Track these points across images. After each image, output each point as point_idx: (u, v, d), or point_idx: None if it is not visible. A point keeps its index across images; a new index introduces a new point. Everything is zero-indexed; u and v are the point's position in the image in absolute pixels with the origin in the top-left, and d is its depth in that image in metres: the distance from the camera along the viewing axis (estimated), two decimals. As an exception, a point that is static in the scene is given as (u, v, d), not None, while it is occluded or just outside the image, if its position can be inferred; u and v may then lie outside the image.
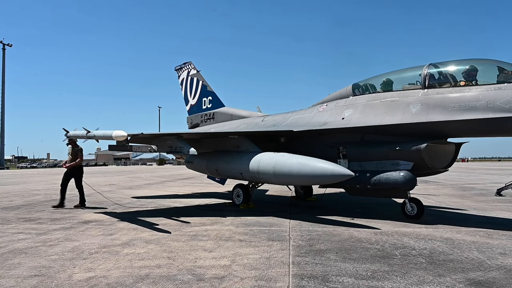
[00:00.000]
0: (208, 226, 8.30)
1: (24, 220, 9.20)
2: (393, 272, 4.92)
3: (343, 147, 9.69)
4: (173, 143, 11.15)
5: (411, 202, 8.91)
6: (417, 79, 8.89)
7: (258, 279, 4.67)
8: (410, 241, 6.69)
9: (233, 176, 11.26)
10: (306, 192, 13.33)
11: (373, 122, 9.01)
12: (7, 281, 4.62)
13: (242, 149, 10.86)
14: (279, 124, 11.95)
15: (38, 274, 4.89)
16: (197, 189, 18.51)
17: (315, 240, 6.81)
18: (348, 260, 5.46)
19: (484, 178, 26.96)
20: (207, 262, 5.40)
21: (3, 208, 11.65)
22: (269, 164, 9.34)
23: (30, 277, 4.77)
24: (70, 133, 11.06)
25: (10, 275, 4.85)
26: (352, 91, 10.23)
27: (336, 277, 4.72)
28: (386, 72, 9.90)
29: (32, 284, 4.50)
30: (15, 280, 4.63)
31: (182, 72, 18.98)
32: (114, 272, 4.95)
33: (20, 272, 4.98)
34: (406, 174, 8.41)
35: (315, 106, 11.37)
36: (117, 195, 15.57)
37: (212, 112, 17.02)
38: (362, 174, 9.03)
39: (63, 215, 9.97)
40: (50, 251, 6.07)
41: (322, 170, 8.33)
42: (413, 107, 8.50)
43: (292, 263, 5.35)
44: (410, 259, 5.50)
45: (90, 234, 7.43)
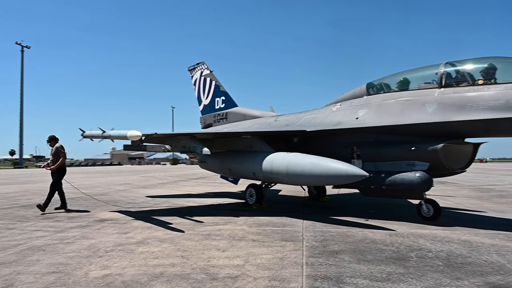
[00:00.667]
0: (221, 225, 8.32)
1: (42, 218, 9.38)
2: (409, 274, 4.85)
3: (357, 147, 9.60)
4: (186, 143, 11.22)
5: (427, 203, 8.76)
6: (433, 78, 8.75)
7: (272, 279, 4.66)
8: (427, 243, 6.59)
9: (246, 176, 11.27)
10: (320, 193, 13.26)
11: (388, 122, 8.91)
12: (27, 277, 4.72)
13: (255, 149, 10.87)
14: (292, 124, 11.92)
15: (56, 271, 4.98)
16: (210, 188, 18.59)
17: (328, 241, 6.76)
18: (363, 262, 5.41)
19: (503, 179, 26.37)
20: (221, 262, 5.42)
21: (22, 206, 11.90)
22: (282, 164, 9.32)
23: (48, 273, 4.86)
24: (86, 133, 11.23)
25: (29, 271, 4.96)
26: (366, 91, 10.12)
27: (350, 278, 4.68)
28: (401, 71, 9.77)
29: (50, 280, 4.59)
30: (34, 277, 4.73)
31: (195, 72, 19.08)
32: (129, 270, 5.01)
33: (39, 268, 5.08)
34: (422, 174, 8.28)
35: (329, 106, 11.29)
36: (131, 194, 15.75)
37: (225, 112, 17.07)
38: (376, 175, 8.93)
39: (79, 214, 10.13)
40: (67, 249, 6.17)
41: (336, 170, 8.26)
42: (429, 106, 8.37)
43: (305, 263, 5.33)
44: (427, 262, 5.42)
45: (106, 233, 7.53)
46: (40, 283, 4.49)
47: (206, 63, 18.49)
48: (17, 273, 4.89)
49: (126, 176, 33.09)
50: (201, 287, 4.39)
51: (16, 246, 6.41)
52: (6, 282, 4.52)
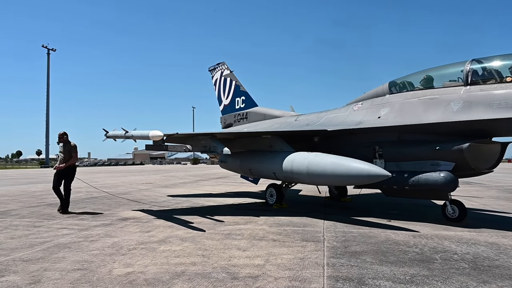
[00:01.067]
0: (242, 225, 8.34)
1: (68, 216, 9.63)
2: (434, 277, 4.73)
3: (379, 146, 9.45)
4: (207, 142, 11.30)
5: (452, 204, 8.54)
6: (458, 76, 8.51)
7: (292, 279, 4.63)
8: (452, 245, 6.43)
9: (266, 176, 11.26)
10: (341, 193, 13.12)
11: (411, 121, 8.73)
12: (53, 273, 4.85)
13: (275, 148, 10.84)
14: (312, 123, 11.83)
15: (81, 268, 5.09)
16: (231, 188, 18.66)
17: (350, 241, 6.68)
18: (385, 263, 5.32)
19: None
20: (241, 261, 5.43)
21: (49, 204, 12.24)
22: (303, 164, 9.26)
23: (73, 270, 4.98)
24: (110, 133, 11.45)
25: (55, 268, 5.09)
26: (389, 89, 9.95)
27: (372, 280, 4.61)
28: (425, 69, 9.57)
29: (75, 277, 4.70)
30: (60, 273, 4.85)
31: (216, 72, 19.20)
32: (151, 268, 5.08)
33: (64, 265, 5.21)
34: (447, 175, 8.08)
35: (350, 105, 11.15)
36: (153, 194, 15.99)
37: (245, 112, 17.10)
38: (399, 175, 8.76)
39: (103, 212, 10.34)
40: (91, 246, 6.31)
41: (358, 170, 8.15)
42: (454, 105, 8.15)
43: (326, 264, 5.28)
44: (452, 264, 5.28)
45: (129, 231, 7.66)
46: (66, 280, 4.61)
47: (226, 63, 18.58)
48: (44, 269, 5.03)
49: (148, 176, 33.61)
50: (222, 286, 4.41)
51: (43, 243, 6.60)
52: (33, 278, 4.65)
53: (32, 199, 13.93)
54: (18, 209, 11.17)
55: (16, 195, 15.43)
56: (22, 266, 5.17)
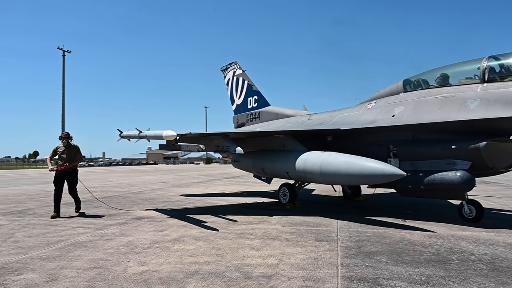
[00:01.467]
0: (255, 224, 8.34)
1: (83, 215, 9.76)
2: (450, 277, 4.66)
3: (394, 145, 9.33)
4: (219, 142, 11.34)
5: (469, 204, 8.39)
6: (475, 73, 8.36)
7: (306, 279, 4.61)
8: (469, 245, 6.31)
9: (279, 175, 11.23)
10: (354, 192, 13.01)
11: (426, 120, 8.60)
12: (69, 271, 4.92)
13: (288, 148, 10.81)
14: (325, 122, 11.76)
15: (96, 266, 5.16)
16: (243, 188, 18.69)
17: (364, 241, 6.62)
18: (400, 264, 5.25)
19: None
20: (255, 261, 5.43)
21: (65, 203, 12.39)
22: (316, 163, 9.21)
23: (89, 269, 5.05)
24: (124, 133, 11.57)
25: (71, 266, 5.17)
26: (403, 87, 9.82)
27: (387, 280, 4.55)
28: (440, 67, 9.41)
29: (91, 275, 4.76)
30: (76, 271, 4.93)
31: (228, 72, 19.23)
32: (166, 267, 5.12)
33: (80, 264, 5.28)
34: (463, 174, 7.93)
35: (363, 104, 11.05)
36: (167, 193, 16.11)
37: (257, 111, 17.10)
38: (414, 174, 8.65)
39: (117, 211, 10.46)
40: (106, 245, 6.39)
41: (372, 169, 8.07)
42: (471, 102, 8.00)
43: (340, 264, 5.24)
44: (469, 265, 5.19)
45: (143, 230, 7.73)
46: (82, 278, 4.67)
47: (238, 63, 18.61)
48: (61, 267, 5.11)
49: (161, 175, 33.88)
50: (236, 285, 4.41)
51: (59, 242, 6.71)
52: (51, 276, 4.73)
53: (49, 198, 14.15)
54: (35, 208, 11.39)
55: (34, 194, 15.72)
56: (40, 264, 5.26)
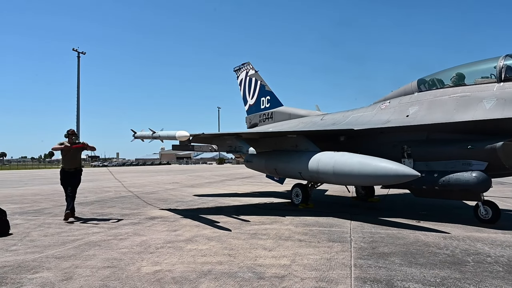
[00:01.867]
0: (268, 225, 8.33)
1: (98, 215, 9.90)
2: (466, 279, 4.58)
3: (408, 146, 9.22)
4: (232, 142, 11.37)
5: (485, 205, 8.24)
6: (491, 72, 8.21)
7: (319, 280, 4.59)
8: (485, 247, 6.20)
9: (291, 176, 11.21)
10: (368, 193, 12.90)
11: (441, 119, 8.47)
12: (84, 270, 4.99)
13: (300, 148, 10.78)
14: (338, 122, 11.69)
15: (110, 265, 5.22)
16: (256, 188, 18.69)
17: (378, 242, 6.56)
18: (414, 265, 5.19)
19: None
20: (267, 261, 5.42)
21: (79, 203, 12.61)
22: (329, 164, 9.16)
23: (103, 268, 5.11)
24: (138, 133, 11.69)
25: (86, 265, 5.24)
26: (418, 87, 9.70)
27: (401, 282, 4.50)
28: (455, 66, 9.27)
29: (105, 274, 4.82)
30: (91, 270, 4.99)
31: (241, 72, 19.27)
32: (179, 267, 5.15)
33: (95, 263, 5.35)
34: (479, 174, 7.79)
35: (377, 104, 10.95)
36: (180, 193, 16.22)
37: (270, 111, 17.09)
38: (429, 175, 8.53)
39: (131, 211, 10.57)
40: (120, 245, 6.46)
41: (385, 170, 7.99)
42: (487, 102, 7.86)
43: (354, 265, 5.20)
44: (485, 267, 5.10)
45: (156, 230, 7.80)
46: (97, 277, 4.73)
47: (251, 63, 18.63)
48: (76, 266, 5.18)
49: (174, 175, 34.13)
50: (248, 285, 4.41)
51: (74, 241, 6.81)
52: (66, 275, 4.81)
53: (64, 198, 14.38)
54: (50, 207, 11.58)
55: (49, 194, 16.01)
56: (55, 263, 5.35)
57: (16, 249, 6.24)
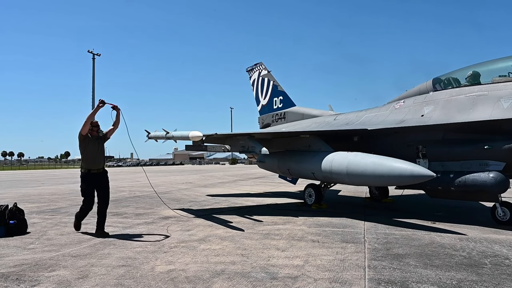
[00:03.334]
0: (280, 225, 8.32)
1: (113, 214, 10.00)
2: (483, 282, 4.49)
3: (423, 146, 9.11)
4: (245, 142, 11.38)
5: (503, 206, 8.07)
6: (509, 71, 8.05)
7: (332, 281, 4.56)
8: (503, 249, 6.08)
9: (304, 176, 11.17)
10: (382, 193, 12.76)
11: (457, 119, 8.34)
12: (99, 269, 5.06)
13: (313, 148, 10.74)
14: (352, 122, 11.60)
15: (125, 264, 5.28)
16: (269, 188, 18.68)
17: (392, 243, 6.49)
18: (430, 267, 5.11)
19: None
20: (280, 261, 5.41)
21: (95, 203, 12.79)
22: (342, 164, 9.10)
23: (118, 266, 5.17)
24: (151, 134, 11.80)
25: (101, 264, 5.31)
26: (433, 86, 9.56)
27: (416, 284, 4.44)
28: (472, 65, 9.12)
29: (120, 273, 4.88)
30: (106, 269, 5.06)
31: (254, 73, 19.29)
32: (192, 266, 5.18)
33: (110, 261, 5.42)
34: (497, 175, 7.64)
35: (391, 104, 10.83)
36: (193, 193, 16.31)
37: (283, 111, 17.06)
38: (444, 175, 8.41)
39: (145, 211, 10.68)
40: (135, 244, 6.53)
41: (400, 170, 7.89)
42: (504, 101, 7.70)
43: (368, 266, 5.16)
44: (503, 269, 4.99)
45: (170, 229, 7.86)
46: (112, 275, 4.79)
47: (264, 63, 18.63)
48: (91, 265, 5.26)
49: (188, 176, 34.33)
50: (261, 286, 4.41)
51: (89, 240, 6.91)
52: (81, 273, 4.88)
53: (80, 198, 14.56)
54: (67, 207, 11.77)
55: (65, 193, 16.28)
56: (71, 262, 5.43)
57: (34, 247, 6.36)
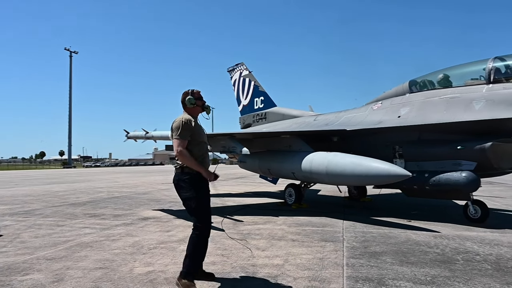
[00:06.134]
0: (261, 225, 8.36)
1: (90, 216, 9.84)
2: (455, 278, 4.65)
3: (399, 146, 9.33)
4: (226, 143, 11.38)
5: (474, 204, 8.35)
6: (480, 74, 8.33)
7: (312, 279, 4.63)
8: (474, 245, 6.29)
9: (285, 176, 11.25)
10: (360, 193, 12.99)
11: (432, 120, 8.58)
12: (75, 272, 4.97)
13: (294, 148, 10.83)
14: (331, 123, 11.77)
15: (102, 266, 5.20)
16: (250, 188, 18.71)
17: (370, 242, 6.62)
18: (406, 264, 5.25)
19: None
20: (260, 261, 5.45)
21: (71, 204, 12.55)
22: (322, 164, 9.22)
23: (95, 269, 5.09)
24: (130, 134, 11.68)
25: (77, 266, 5.22)
26: (409, 88, 9.81)
27: (392, 280, 4.56)
28: (446, 68, 9.41)
29: (97, 276, 4.81)
30: (82, 272, 4.97)
31: (235, 73, 19.29)
32: (172, 268, 5.15)
33: (86, 264, 5.33)
34: (469, 174, 7.91)
35: (369, 105, 11.05)
36: (173, 193, 16.09)
37: (264, 112, 17.13)
38: (420, 175, 8.63)
39: (124, 212, 10.53)
40: (113, 245, 6.44)
41: (377, 170, 8.07)
42: (476, 103, 7.98)
43: (346, 264, 5.25)
44: (474, 265, 5.18)
45: (149, 230, 7.78)
46: (88, 278, 4.71)
47: (245, 64, 18.66)
48: (67, 268, 5.16)
49: (168, 176, 33.97)
50: (241, 285, 4.43)
51: (65, 242, 6.77)
52: (56, 277, 4.78)
53: (55, 198, 14.29)
54: (41, 208, 11.49)
55: (40, 194, 15.88)
56: (46, 265, 5.31)
57: (6, 250, 6.18)
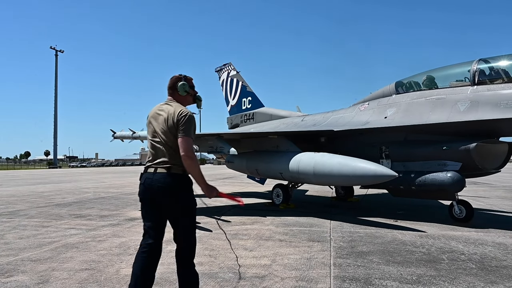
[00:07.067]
0: (248, 225, 8.36)
1: (76, 217, 9.71)
2: (440, 277, 4.72)
3: (386, 147, 9.43)
4: (214, 143, 11.36)
5: (459, 204, 8.49)
6: (465, 76, 8.48)
7: (299, 279, 4.64)
8: (459, 245, 6.40)
9: (272, 176, 11.27)
10: (347, 193, 13.10)
11: (418, 121, 8.70)
12: (61, 273, 4.90)
13: (281, 149, 10.86)
14: (319, 123, 11.83)
15: (89, 268, 5.14)
16: (237, 188, 18.68)
17: (356, 241, 6.67)
18: (392, 263, 5.31)
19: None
20: (248, 261, 5.45)
21: (57, 204, 12.36)
22: (309, 164, 9.27)
23: (81, 270, 5.02)
24: (117, 134, 11.56)
25: (63, 268, 5.14)
26: (395, 89, 9.92)
27: (379, 280, 4.60)
28: (431, 69, 9.54)
29: (83, 277, 4.74)
30: (68, 273, 4.90)
31: (223, 73, 19.25)
32: (159, 268, 5.04)
33: (72, 265, 5.25)
34: (454, 175, 8.04)
35: (356, 105, 11.14)
36: (160, 194, 16.03)
37: (251, 112, 17.13)
38: (406, 175, 8.74)
39: (110, 212, 10.42)
40: (99, 246, 6.36)
41: (364, 170, 8.14)
42: (461, 105, 8.11)
43: (333, 264, 5.28)
44: (459, 264, 5.26)
45: (136, 231, 7.71)
46: (74, 280, 4.65)
47: (233, 64, 18.64)
48: (52, 269, 5.08)
49: (155, 176, 33.70)
50: (229, 286, 4.43)
51: (51, 243, 6.66)
52: (42, 278, 4.70)
53: (40, 199, 14.06)
54: (26, 209, 11.29)
55: (25, 195, 15.59)
56: (31, 266, 5.22)
57: (-10, 252, 6.06)
